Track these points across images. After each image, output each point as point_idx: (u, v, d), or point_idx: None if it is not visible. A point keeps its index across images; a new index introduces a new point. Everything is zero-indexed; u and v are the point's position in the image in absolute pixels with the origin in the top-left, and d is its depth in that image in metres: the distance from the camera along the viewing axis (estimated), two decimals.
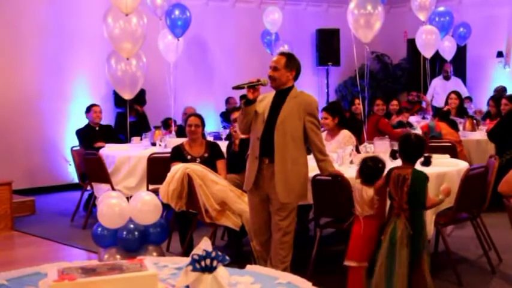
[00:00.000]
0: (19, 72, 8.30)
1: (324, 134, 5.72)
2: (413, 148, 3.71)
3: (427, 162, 4.24)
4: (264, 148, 3.97)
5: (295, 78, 4.10)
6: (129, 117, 8.62)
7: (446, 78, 9.92)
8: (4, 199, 6.26)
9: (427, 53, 9.13)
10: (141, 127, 7.96)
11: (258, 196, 4.09)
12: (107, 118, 8.46)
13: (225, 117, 9.26)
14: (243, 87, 3.98)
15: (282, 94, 4.03)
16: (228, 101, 9.58)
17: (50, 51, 8.50)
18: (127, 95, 6.50)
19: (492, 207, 4.81)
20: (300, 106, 3.97)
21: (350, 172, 4.25)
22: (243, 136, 4.99)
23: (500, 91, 9.13)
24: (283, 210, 3.97)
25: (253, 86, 3.95)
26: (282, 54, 4.13)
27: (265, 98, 4.09)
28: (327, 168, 4.05)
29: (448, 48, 9.80)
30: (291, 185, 3.94)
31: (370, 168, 3.83)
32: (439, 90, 9.71)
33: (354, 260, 3.80)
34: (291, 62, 4.04)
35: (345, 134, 5.54)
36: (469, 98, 9.52)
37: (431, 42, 9.00)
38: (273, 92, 4.11)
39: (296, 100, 3.99)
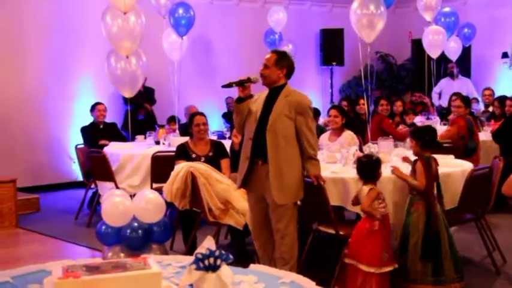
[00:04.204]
0: (24, 70, 8.32)
1: (327, 134, 5.71)
2: (432, 135, 4.16)
3: (439, 146, 4.34)
4: (256, 149, 3.91)
5: (288, 76, 4.00)
6: (139, 116, 8.67)
7: (451, 76, 9.91)
8: (9, 197, 6.28)
9: (434, 53, 9.12)
10: (149, 125, 7.97)
11: (253, 196, 4.06)
12: (116, 116, 8.48)
13: (227, 117, 9.27)
14: (231, 86, 3.93)
15: (274, 93, 3.96)
16: (226, 101, 9.60)
17: (54, 49, 8.51)
18: (127, 93, 6.50)
19: (496, 208, 4.80)
20: (291, 105, 3.89)
21: (353, 173, 4.24)
22: (239, 138, 5.00)
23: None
24: (277, 211, 3.92)
25: (242, 84, 3.90)
26: (274, 51, 4.06)
27: (260, 97, 4.03)
28: (309, 169, 3.96)
29: (453, 49, 9.79)
30: (286, 186, 3.88)
31: (365, 164, 3.90)
32: (445, 91, 9.71)
33: (347, 257, 3.89)
34: (282, 60, 3.96)
35: (348, 135, 5.52)
36: (476, 99, 9.50)
37: (437, 42, 8.99)
38: (267, 91, 4.04)
39: (287, 99, 3.91)
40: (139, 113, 8.73)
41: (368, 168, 3.91)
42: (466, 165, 4.74)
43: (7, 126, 8.17)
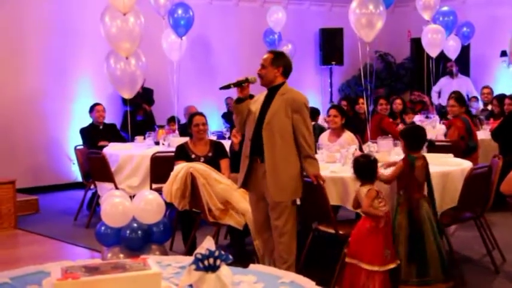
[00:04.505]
0: (23, 71, 8.31)
1: (327, 134, 5.70)
2: (420, 136, 4.13)
3: (432, 145, 4.30)
4: (255, 148, 3.96)
5: (285, 75, 4.03)
6: (138, 116, 8.66)
7: (450, 75, 9.93)
8: (8, 198, 6.28)
9: (433, 52, 9.12)
10: (148, 126, 7.98)
11: (254, 195, 4.11)
12: (115, 116, 8.48)
13: (227, 118, 9.28)
14: (229, 87, 4.00)
15: (272, 92, 4.01)
16: (226, 101, 9.61)
17: (53, 50, 8.51)
18: (127, 94, 6.50)
19: (496, 206, 4.80)
20: (287, 103, 3.92)
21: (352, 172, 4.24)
22: (239, 138, 5.02)
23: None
24: (275, 209, 3.97)
25: (240, 84, 3.96)
26: (270, 51, 4.13)
27: (260, 97, 4.09)
28: (307, 169, 3.98)
29: (452, 48, 9.80)
30: (282, 184, 3.92)
31: (362, 165, 3.89)
32: (445, 89, 9.72)
33: (348, 256, 3.87)
34: (278, 59, 4.00)
35: (348, 136, 5.49)
36: (475, 98, 9.50)
37: (436, 41, 9.00)
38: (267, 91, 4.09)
39: (283, 97, 3.95)
40: (138, 114, 8.74)
41: (366, 168, 3.90)
42: (465, 164, 4.74)
43: (6, 127, 8.17)
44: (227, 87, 4.00)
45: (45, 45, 8.46)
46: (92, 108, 7.27)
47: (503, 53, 10.24)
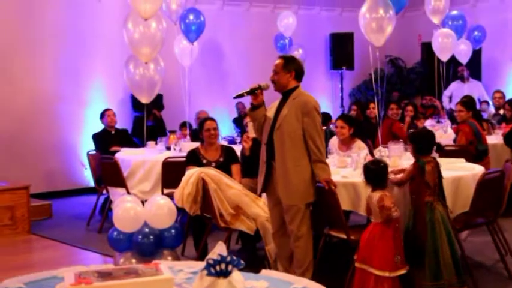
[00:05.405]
0: (37, 76, 8.38)
1: (336, 142, 5.68)
2: (428, 140, 4.07)
3: (440, 149, 4.27)
4: (270, 152, 4.02)
5: (297, 78, 4.07)
6: (147, 122, 8.69)
7: (462, 79, 9.89)
8: (22, 203, 6.32)
9: (443, 57, 9.08)
10: (158, 131, 8.00)
11: (271, 200, 4.15)
12: (125, 122, 8.52)
13: (238, 123, 9.29)
14: (243, 96, 4.06)
15: (286, 96, 4.06)
16: (237, 106, 9.63)
17: (67, 55, 8.57)
18: (145, 99, 6.54)
19: (509, 211, 4.76)
20: (297, 106, 3.97)
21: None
22: (250, 143, 5.03)
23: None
24: (288, 212, 3.99)
25: (253, 92, 4.02)
26: (281, 57, 4.16)
27: (276, 102, 4.14)
28: (318, 174, 3.99)
29: (463, 52, 9.74)
30: (293, 187, 3.95)
31: (373, 171, 3.87)
32: (456, 94, 9.67)
33: (357, 261, 3.85)
34: (289, 64, 4.04)
35: (359, 146, 5.45)
36: (486, 102, 9.44)
37: (447, 45, 8.95)
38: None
39: (294, 101, 4.00)
40: (148, 119, 8.76)
41: (377, 174, 3.88)
42: (477, 169, 4.72)
43: (20, 132, 8.23)
44: (241, 95, 4.07)
45: (59, 50, 8.52)
46: (103, 114, 7.32)
47: None
